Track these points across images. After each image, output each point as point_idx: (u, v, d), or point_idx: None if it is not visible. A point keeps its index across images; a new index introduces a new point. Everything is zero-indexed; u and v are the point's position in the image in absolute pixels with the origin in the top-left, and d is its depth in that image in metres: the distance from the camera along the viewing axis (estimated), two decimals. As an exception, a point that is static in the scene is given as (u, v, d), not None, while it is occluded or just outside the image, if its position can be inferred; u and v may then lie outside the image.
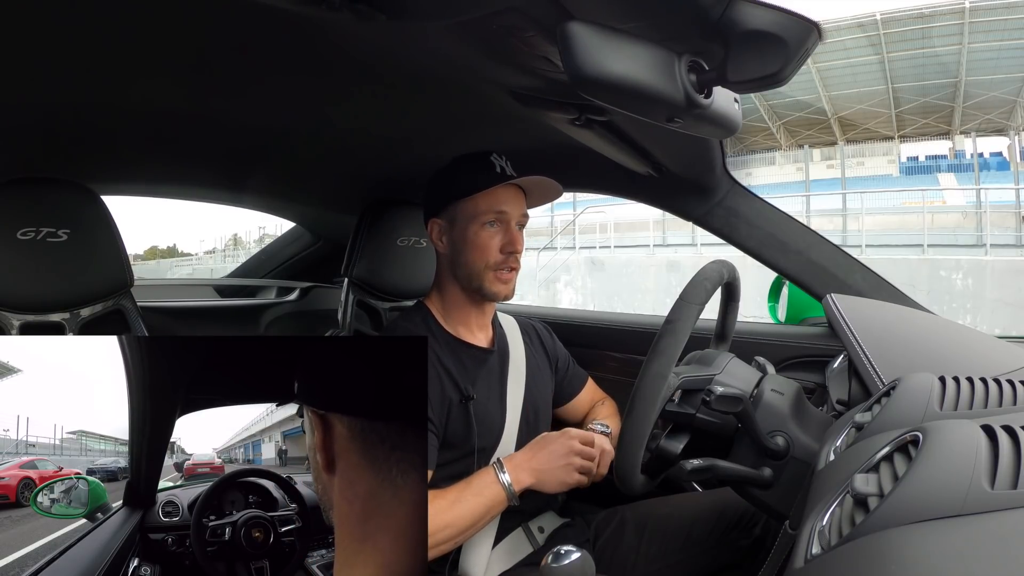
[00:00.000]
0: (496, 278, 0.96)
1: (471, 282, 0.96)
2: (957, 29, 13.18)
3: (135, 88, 0.80)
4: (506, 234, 0.95)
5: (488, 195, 0.94)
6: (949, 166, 17.40)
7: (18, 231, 0.87)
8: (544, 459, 0.89)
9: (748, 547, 0.93)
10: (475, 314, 1.01)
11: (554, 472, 0.88)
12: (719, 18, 0.45)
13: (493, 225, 0.95)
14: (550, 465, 0.88)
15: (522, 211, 0.98)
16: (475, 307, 1.00)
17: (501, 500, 0.86)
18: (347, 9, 0.49)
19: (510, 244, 0.95)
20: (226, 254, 24.56)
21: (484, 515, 0.85)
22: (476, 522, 0.85)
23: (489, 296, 0.97)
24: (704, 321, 0.76)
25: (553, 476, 0.88)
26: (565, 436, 0.91)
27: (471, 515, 0.84)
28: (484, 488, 0.86)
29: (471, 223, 0.95)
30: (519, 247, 0.96)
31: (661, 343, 0.67)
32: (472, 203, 0.95)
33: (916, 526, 0.34)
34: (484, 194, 0.94)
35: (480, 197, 0.94)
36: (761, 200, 1.11)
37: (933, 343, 0.89)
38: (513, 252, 0.95)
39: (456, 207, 0.97)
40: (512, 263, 0.96)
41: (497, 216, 0.95)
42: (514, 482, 0.86)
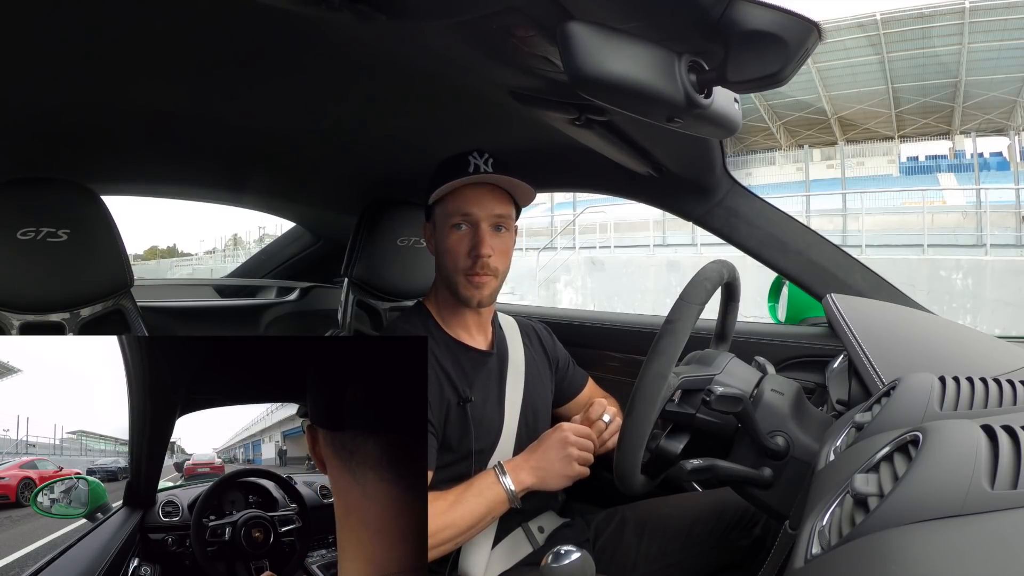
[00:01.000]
0: (468, 282, 0.93)
1: (449, 286, 0.96)
2: (957, 29, 13.18)
3: (135, 88, 0.80)
4: (473, 237, 0.92)
5: (455, 196, 0.92)
6: (949, 166, 17.40)
7: (18, 231, 0.87)
8: (542, 456, 0.89)
9: (748, 547, 0.93)
10: (471, 316, 1.00)
11: (554, 467, 0.88)
12: (719, 18, 0.45)
13: (460, 227, 0.92)
14: (549, 461, 0.88)
15: (496, 211, 0.92)
16: (469, 309, 0.98)
17: (502, 501, 0.86)
18: (347, 9, 0.49)
19: (475, 248, 0.91)
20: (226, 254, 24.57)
21: (484, 516, 0.85)
22: (476, 523, 0.85)
23: (463, 301, 0.95)
24: (704, 321, 0.76)
25: (553, 472, 0.88)
26: (558, 431, 0.91)
27: (471, 516, 0.84)
28: (485, 489, 0.86)
29: (443, 226, 0.94)
30: (484, 251, 0.91)
31: (661, 343, 0.67)
32: (443, 206, 0.94)
33: (916, 526, 0.34)
34: (451, 195, 0.92)
35: (448, 199, 0.93)
36: (761, 200, 1.11)
37: (933, 343, 0.89)
38: (478, 256, 0.91)
39: (434, 210, 0.96)
40: (479, 268, 0.92)
41: (463, 218, 0.92)
42: (515, 483, 0.86)
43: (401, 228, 1.29)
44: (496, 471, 0.88)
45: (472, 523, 0.84)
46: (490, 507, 0.86)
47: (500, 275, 0.96)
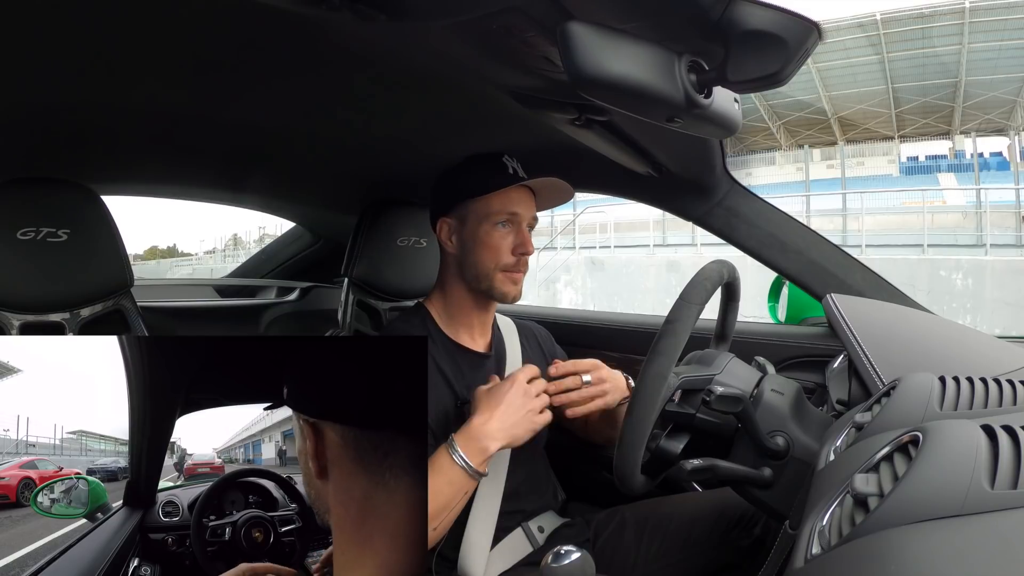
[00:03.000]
0: (506, 278, 0.96)
1: (480, 283, 0.96)
2: (957, 29, 13.17)
3: (135, 88, 0.80)
4: (518, 235, 0.96)
5: (501, 196, 0.94)
6: (949, 166, 17.39)
7: (18, 231, 0.87)
8: (502, 415, 0.83)
9: (748, 547, 0.93)
10: (477, 317, 1.00)
11: (519, 425, 0.84)
12: (719, 18, 0.45)
13: (505, 226, 0.95)
14: (513, 418, 0.83)
15: (532, 213, 0.98)
16: (478, 309, 0.99)
17: (463, 478, 0.81)
18: (347, 9, 0.49)
19: (522, 245, 0.95)
20: (226, 254, 24.55)
21: (453, 495, 0.81)
22: (448, 503, 0.81)
23: (498, 297, 0.97)
24: (704, 321, 0.76)
25: (519, 428, 0.84)
26: (510, 382, 0.86)
27: (437, 496, 0.80)
28: (443, 469, 0.81)
29: (483, 223, 0.95)
30: (530, 248, 0.96)
31: (661, 343, 0.67)
32: (484, 203, 0.95)
33: (916, 526, 0.34)
34: (497, 194, 0.94)
35: (493, 197, 0.94)
36: (761, 200, 1.11)
37: (933, 343, 0.89)
38: (524, 253, 0.96)
39: (467, 206, 0.96)
40: (522, 265, 0.96)
41: (509, 217, 0.95)
42: (472, 456, 0.81)
43: (401, 228, 1.29)
44: (447, 447, 0.83)
45: (442, 504, 0.80)
46: (453, 485, 0.81)
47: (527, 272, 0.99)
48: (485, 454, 0.82)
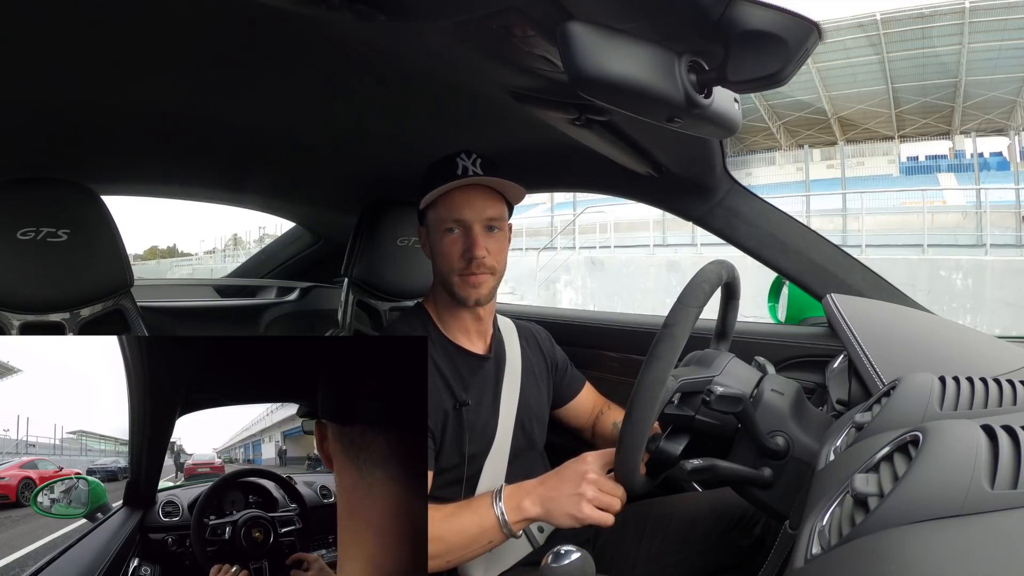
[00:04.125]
0: (463, 282, 0.94)
1: (446, 288, 0.96)
2: (957, 29, 13.17)
3: (135, 88, 0.80)
4: (466, 239, 0.93)
5: (446, 200, 0.93)
6: (949, 166, 17.40)
7: (18, 231, 0.87)
8: (553, 485, 0.80)
9: (748, 547, 0.93)
10: (471, 319, 1.00)
11: (561, 501, 0.78)
12: (719, 18, 0.45)
13: (453, 231, 0.93)
14: (558, 492, 0.78)
15: (487, 213, 0.93)
16: (467, 311, 0.98)
17: (494, 526, 0.79)
18: (347, 9, 0.49)
19: (468, 250, 0.92)
20: (226, 254, 24.56)
21: (477, 537, 0.80)
22: (469, 544, 0.80)
23: (460, 301, 0.95)
24: (704, 321, 0.76)
25: (559, 506, 0.78)
26: (579, 462, 0.80)
27: (461, 534, 0.80)
28: (480, 508, 0.81)
29: (436, 230, 0.95)
30: (478, 252, 0.92)
31: (659, 347, 0.67)
32: (435, 212, 0.95)
33: (916, 526, 0.34)
34: (443, 199, 0.93)
35: (440, 203, 0.94)
36: (761, 200, 1.11)
37: (933, 343, 0.89)
38: (472, 258, 0.92)
39: (427, 215, 0.97)
40: (474, 268, 0.93)
41: (455, 223, 0.93)
42: (509, 510, 0.79)
43: (401, 228, 1.29)
44: (492, 494, 0.82)
45: (463, 542, 0.80)
46: (482, 528, 0.80)
47: (497, 273, 0.96)
48: (520, 513, 0.79)
